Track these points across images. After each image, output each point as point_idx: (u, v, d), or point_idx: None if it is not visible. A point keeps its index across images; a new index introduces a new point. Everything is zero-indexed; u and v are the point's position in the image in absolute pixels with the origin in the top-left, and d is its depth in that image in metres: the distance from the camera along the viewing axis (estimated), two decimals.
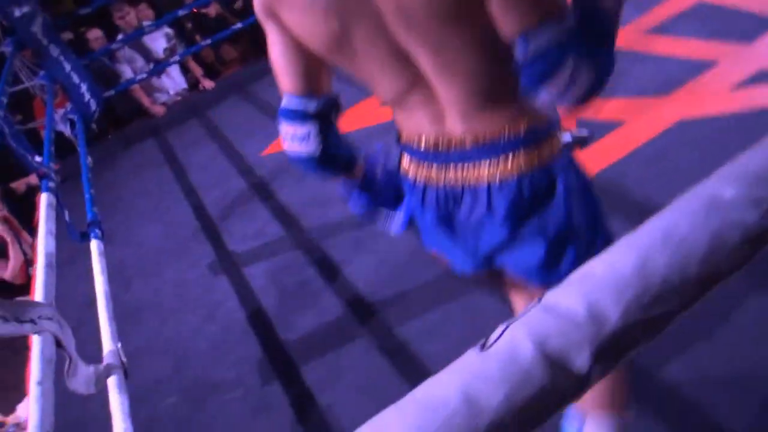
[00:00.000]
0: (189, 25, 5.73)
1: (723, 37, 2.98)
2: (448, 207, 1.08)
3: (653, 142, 2.44)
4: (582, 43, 0.86)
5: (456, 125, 1.01)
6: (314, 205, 3.10)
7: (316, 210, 3.05)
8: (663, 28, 3.30)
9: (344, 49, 0.96)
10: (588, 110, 0.94)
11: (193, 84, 5.66)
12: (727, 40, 2.94)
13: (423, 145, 1.06)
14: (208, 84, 5.58)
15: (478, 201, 1.05)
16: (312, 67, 1.04)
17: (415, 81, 0.99)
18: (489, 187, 1.03)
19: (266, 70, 1.20)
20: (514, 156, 1.01)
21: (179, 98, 5.63)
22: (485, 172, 1.02)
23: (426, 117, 1.03)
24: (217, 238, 3.22)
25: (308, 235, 2.91)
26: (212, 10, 5.74)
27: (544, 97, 0.90)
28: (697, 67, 2.84)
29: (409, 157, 1.12)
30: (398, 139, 1.14)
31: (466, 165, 1.03)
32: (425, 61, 0.95)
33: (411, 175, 1.12)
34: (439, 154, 1.05)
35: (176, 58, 5.43)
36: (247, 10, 5.56)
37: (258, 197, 3.43)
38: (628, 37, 3.15)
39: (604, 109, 1.98)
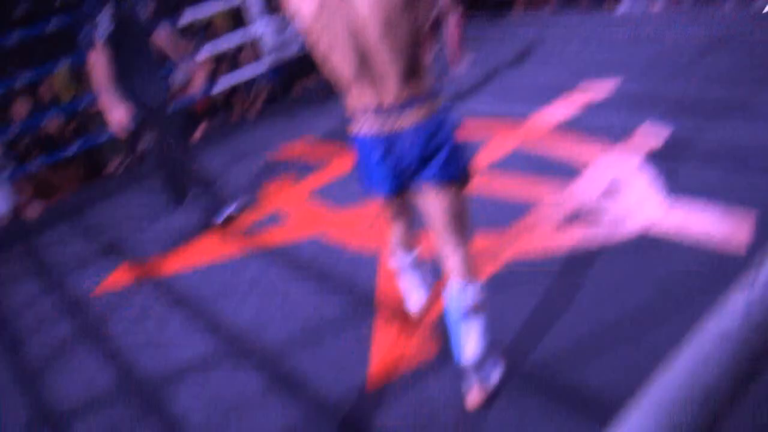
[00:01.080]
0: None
1: (542, 177, 3.30)
2: (388, 146, 1.79)
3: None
4: None
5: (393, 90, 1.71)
6: (152, 346, 2.88)
7: (155, 351, 2.83)
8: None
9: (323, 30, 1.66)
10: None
11: (17, 208, 5.20)
12: (546, 181, 3.26)
13: (374, 106, 1.74)
14: (33, 211, 5.16)
15: (406, 138, 1.77)
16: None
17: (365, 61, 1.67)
18: (412, 127, 1.75)
19: (103, 194, 1.12)
20: (421, 107, 1.74)
21: None
22: (409, 119, 1.75)
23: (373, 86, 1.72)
24: (35, 394, 2.85)
25: (146, 385, 2.67)
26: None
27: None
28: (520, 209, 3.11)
29: (362, 121, 1.79)
30: (351, 115, 1.81)
31: (398, 115, 1.74)
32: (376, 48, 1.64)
33: (365, 132, 1.80)
34: (383, 111, 1.74)
35: None
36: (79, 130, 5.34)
37: (88, 342, 3.12)
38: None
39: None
